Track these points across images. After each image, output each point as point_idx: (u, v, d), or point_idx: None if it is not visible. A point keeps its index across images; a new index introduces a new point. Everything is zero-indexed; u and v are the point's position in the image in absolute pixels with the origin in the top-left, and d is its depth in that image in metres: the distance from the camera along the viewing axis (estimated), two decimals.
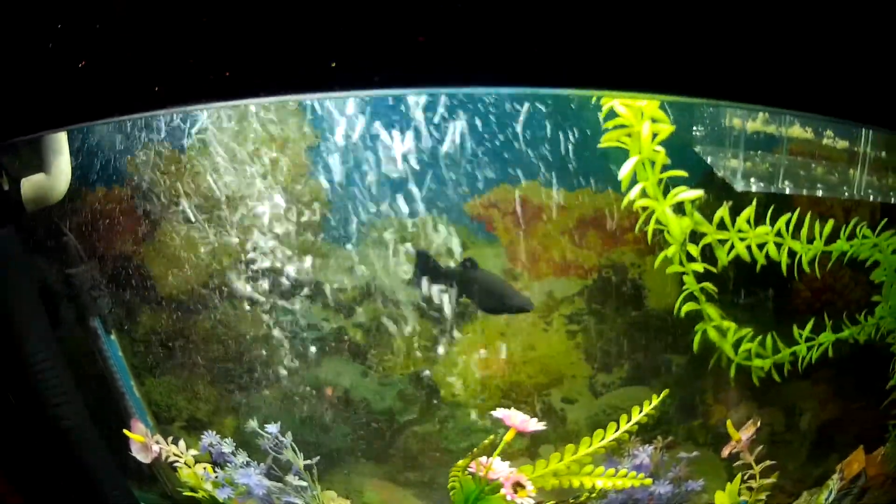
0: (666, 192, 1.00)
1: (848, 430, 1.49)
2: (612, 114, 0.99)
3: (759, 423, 1.35)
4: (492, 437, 1.15)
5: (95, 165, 1.25)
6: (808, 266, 1.11)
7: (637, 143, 0.96)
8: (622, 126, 0.96)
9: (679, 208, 1.00)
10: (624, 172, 0.96)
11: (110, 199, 1.26)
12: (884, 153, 1.25)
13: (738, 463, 1.35)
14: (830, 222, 1.13)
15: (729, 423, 1.33)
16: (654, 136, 0.95)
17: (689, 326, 1.21)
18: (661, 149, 0.99)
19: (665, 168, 1.02)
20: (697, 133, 1.13)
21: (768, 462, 1.36)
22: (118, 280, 1.27)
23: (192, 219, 1.23)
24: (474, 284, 1.14)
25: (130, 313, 1.29)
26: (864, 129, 1.15)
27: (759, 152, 1.15)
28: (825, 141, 1.18)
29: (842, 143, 1.20)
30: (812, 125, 1.17)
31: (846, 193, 1.19)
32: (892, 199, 1.26)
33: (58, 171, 1.26)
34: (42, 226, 1.28)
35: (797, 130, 1.16)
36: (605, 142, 0.96)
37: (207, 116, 1.18)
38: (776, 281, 1.29)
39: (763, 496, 1.39)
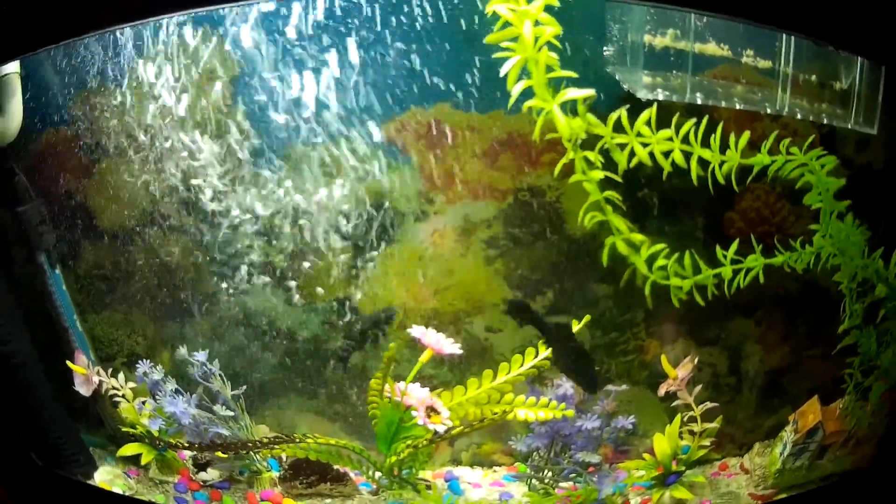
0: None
1: (800, 378, 1.43)
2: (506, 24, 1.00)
3: (696, 360, 1.31)
4: (394, 345, 1.15)
5: (41, 107, 1.32)
6: (724, 179, 1.09)
7: (522, 45, 0.96)
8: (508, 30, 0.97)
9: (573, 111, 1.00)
10: (506, 69, 0.97)
11: (54, 139, 1.33)
12: (812, 76, 1.23)
13: (676, 403, 1.32)
14: (746, 133, 1.10)
15: (664, 358, 1.30)
16: (538, 38, 0.96)
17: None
18: (552, 54, 0.99)
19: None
20: (608, 53, 1.13)
21: (709, 404, 1.32)
22: (61, 216, 1.33)
23: (126, 155, 1.28)
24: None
25: (72, 248, 1.34)
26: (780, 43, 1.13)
27: (674, 71, 1.14)
28: (745, 60, 1.17)
29: (764, 63, 1.18)
30: (731, 43, 1.15)
31: (768, 109, 1.16)
32: (823, 119, 1.23)
33: (11, 113, 1.34)
34: None
35: (713, 48, 1.14)
36: (489, 41, 0.97)
37: (135, 54, 1.24)
38: (708, 209, 1.27)
39: (707, 442, 1.34)
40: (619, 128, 1.02)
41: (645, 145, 1.02)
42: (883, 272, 1.37)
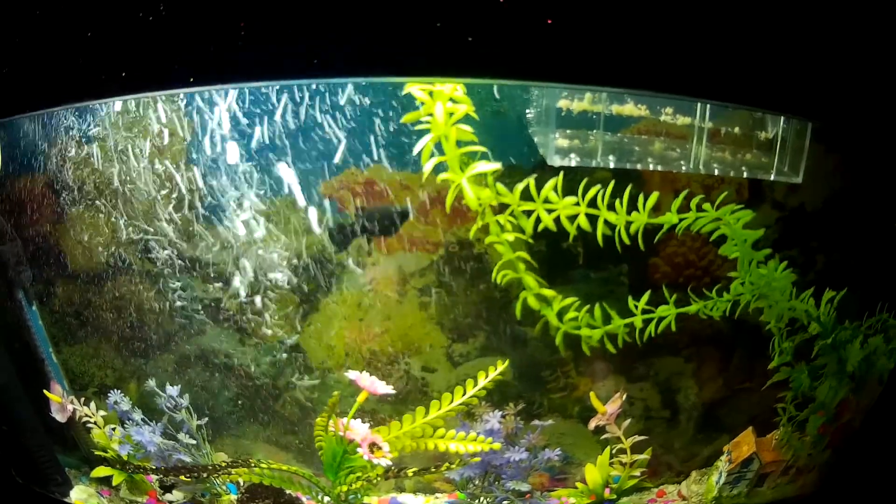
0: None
1: (735, 410, 1.50)
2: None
3: (625, 396, 1.39)
4: (337, 393, 1.26)
5: (17, 153, 1.43)
6: (630, 238, 1.15)
7: (435, 123, 1.04)
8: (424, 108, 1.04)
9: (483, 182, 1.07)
10: (418, 148, 1.05)
11: (29, 185, 1.43)
12: (735, 128, 1.28)
13: (605, 436, 1.40)
14: (655, 194, 1.16)
15: (593, 395, 1.38)
16: (451, 115, 1.03)
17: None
18: (467, 127, 1.07)
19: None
20: (530, 116, 1.20)
21: (637, 437, 1.40)
22: (35, 256, 1.44)
23: (95, 204, 1.38)
24: None
25: (46, 287, 1.45)
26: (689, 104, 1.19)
27: (594, 130, 1.20)
28: (664, 118, 1.22)
29: (683, 120, 1.23)
30: (646, 102, 1.21)
31: (683, 168, 1.22)
32: (744, 173, 1.28)
33: None
34: None
35: (630, 108, 1.20)
36: (406, 121, 1.05)
37: (102, 114, 1.34)
38: (631, 257, 1.33)
39: (637, 472, 1.42)
40: (527, 195, 1.09)
41: (551, 211, 1.09)
42: (814, 311, 1.42)
